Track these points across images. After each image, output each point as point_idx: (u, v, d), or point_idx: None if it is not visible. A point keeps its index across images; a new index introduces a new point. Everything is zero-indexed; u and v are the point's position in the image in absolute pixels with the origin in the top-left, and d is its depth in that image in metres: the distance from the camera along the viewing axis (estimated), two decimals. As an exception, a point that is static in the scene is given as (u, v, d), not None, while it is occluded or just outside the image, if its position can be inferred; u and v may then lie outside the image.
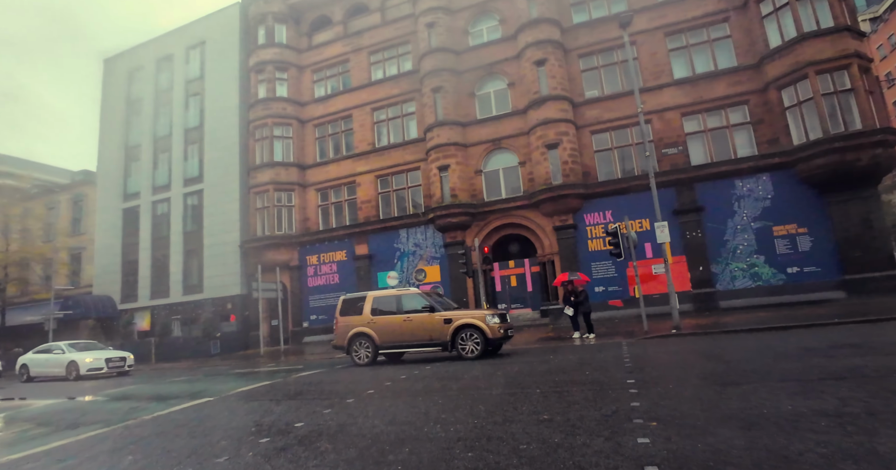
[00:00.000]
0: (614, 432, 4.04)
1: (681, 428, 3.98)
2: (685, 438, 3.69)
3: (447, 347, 10.56)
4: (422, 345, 10.90)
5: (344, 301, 12.24)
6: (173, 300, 25.11)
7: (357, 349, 11.46)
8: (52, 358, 16.73)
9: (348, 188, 23.16)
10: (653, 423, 4.19)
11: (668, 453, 3.40)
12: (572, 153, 18.51)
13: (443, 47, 21.03)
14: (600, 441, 3.83)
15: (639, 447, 3.59)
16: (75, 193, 30.91)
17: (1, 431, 7.10)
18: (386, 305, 11.43)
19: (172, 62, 28.00)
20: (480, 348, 10.27)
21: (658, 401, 5.03)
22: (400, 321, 11.05)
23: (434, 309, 10.84)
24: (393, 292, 11.69)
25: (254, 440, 4.97)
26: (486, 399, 5.99)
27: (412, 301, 11.23)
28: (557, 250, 18.58)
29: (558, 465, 3.38)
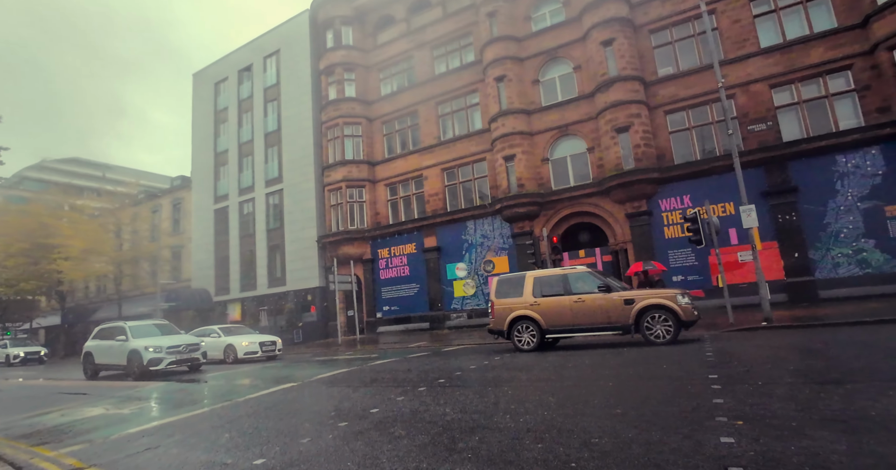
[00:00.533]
0: (694, 430, 3.84)
1: (771, 428, 3.70)
2: (776, 440, 3.43)
3: (629, 330, 9.63)
4: (598, 328, 9.97)
5: (499, 282, 11.44)
6: (260, 293, 27.10)
7: (520, 333, 10.74)
8: (209, 342, 16.15)
9: (416, 182, 23.61)
10: (738, 421, 3.94)
11: (755, 455, 3.18)
12: (644, 136, 17.54)
13: (504, 35, 20.69)
14: (678, 438, 3.66)
15: (721, 447, 3.39)
16: (174, 197, 34.20)
17: (123, 409, 8.10)
18: (551, 286, 10.62)
19: (251, 72, 29.97)
20: (673, 332, 9.27)
21: (744, 398, 4.70)
22: (570, 303, 10.18)
23: (611, 288, 9.96)
24: (557, 271, 10.84)
25: (333, 424, 5.29)
26: (556, 391, 5.92)
27: (582, 281, 10.34)
28: (630, 238, 17.76)
29: (631, 461, 3.28)
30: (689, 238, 12.78)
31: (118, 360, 13.39)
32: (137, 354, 12.68)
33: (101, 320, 34.14)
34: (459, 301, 21.41)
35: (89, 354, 14.36)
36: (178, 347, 13.06)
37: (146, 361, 12.47)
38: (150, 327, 14.34)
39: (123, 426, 6.41)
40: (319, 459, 4.08)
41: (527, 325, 10.66)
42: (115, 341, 13.62)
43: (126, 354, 13.02)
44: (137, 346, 12.85)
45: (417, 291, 22.51)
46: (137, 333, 13.57)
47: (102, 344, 14.12)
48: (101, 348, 14.06)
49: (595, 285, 10.13)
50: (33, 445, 5.83)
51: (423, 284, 22.40)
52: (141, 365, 12.52)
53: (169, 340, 13.27)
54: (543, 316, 10.46)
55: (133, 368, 12.82)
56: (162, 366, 12.63)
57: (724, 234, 15.44)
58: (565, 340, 11.92)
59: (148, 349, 12.64)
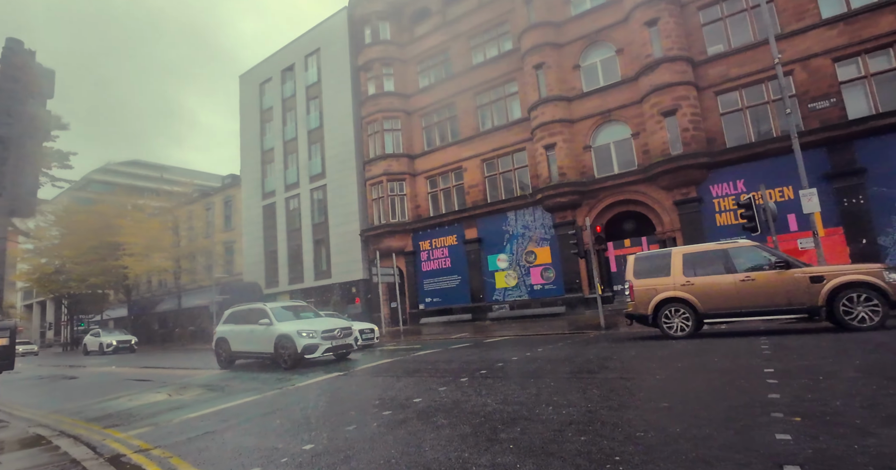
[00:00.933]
0: (746, 426, 3.68)
1: (832, 426, 3.49)
2: (837, 438, 3.24)
3: (817, 313, 8.27)
4: (773, 311, 8.63)
5: (638, 260, 10.21)
6: (307, 285, 28.03)
7: (669, 318, 9.51)
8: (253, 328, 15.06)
9: (455, 174, 23.61)
10: (796, 418, 3.74)
11: (813, 453, 3.02)
12: (693, 119, 16.73)
13: (542, 21, 20.21)
14: (729, 434, 3.52)
15: (776, 444, 3.23)
16: (226, 195, 35.79)
17: (184, 395, 8.63)
18: (706, 263, 9.38)
19: (294, 71, 30.78)
20: (882, 315, 7.87)
21: (803, 394, 4.45)
22: (734, 282, 8.92)
23: (790, 264, 8.66)
24: (713, 247, 9.65)
25: (377, 412, 5.42)
26: (599, 383, 5.81)
27: (746, 256, 9.10)
28: (679, 227, 17.07)
29: (679, 456, 3.19)
30: (744, 225, 12.16)
31: (261, 347, 11.50)
32: (289, 340, 10.78)
33: (165, 312, 36.46)
34: (501, 292, 21.33)
35: (223, 341, 12.54)
36: (333, 332, 11.18)
37: (301, 347, 10.61)
38: (285, 311, 12.37)
39: (184, 411, 6.83)
40: (364, 445, 4.20)
41: (677, 308, 9.41)
42: (256, 325, 11.66)
43: (273, 341, 11.10)
44: (288, 330, 10.92)
45: (459, 283, 22.60)
46: (280, 317, 11.75)
47: (240, 329, 12.24)
48: (239, 334, 12.17)
49: (765, 261, 8.87)
50: (105, 428, 6.32)
51: (464, 276, 22.46)
52: (294, 353, 10.66)
53: (322, 323, 11.53)
54: (699, 298, 9.20)
55: (283, 356, 10.92)
56: (318, 354, 10.80)
57: (781, 220, 14.56)
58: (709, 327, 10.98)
59: (302, 334, 10.74)
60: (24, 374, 16.76)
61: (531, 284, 20.53)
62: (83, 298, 39.02)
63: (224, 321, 12.99)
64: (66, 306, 40.74)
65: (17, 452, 5.17)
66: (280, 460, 4.07)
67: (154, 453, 4.78)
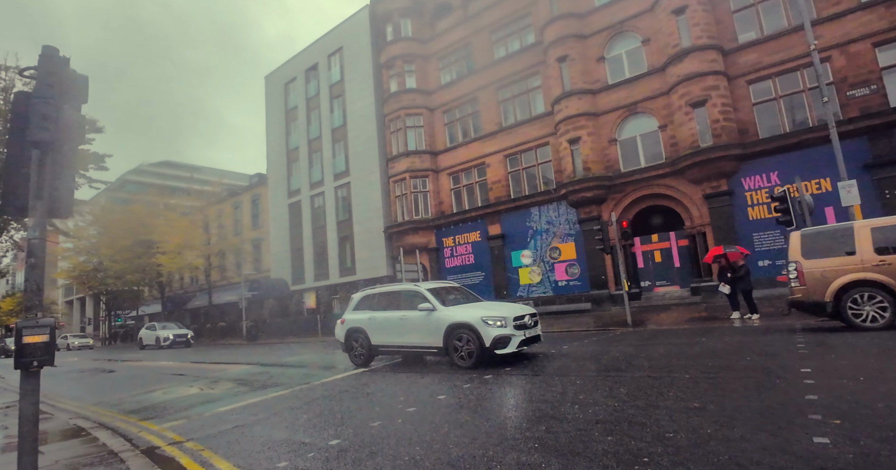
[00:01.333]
0: (782, 428, 3.55)
1: (874, 429, 3.34)
2: (880, 442, 3.09)
3: None
4: None
5: (806, 237, 8.39)
6: (332, 282, 28.42)
7: (860, 306, 7.70)
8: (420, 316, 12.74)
9: (478, 170, 23.49)
10: (835, 420, 3.59)
11: (855, 458, 2.89)
12: (724, 109, 16.19)
13: (566, 13, 19.85)
14: (764, 436, 3.40)
15: (815, 448, 3.11)
16: (253, 193, 36.54)
17: (215, 389, 8.87)
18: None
19: (317, 70, 31.11)
20: None
21: (843, 395, 4.27)
22: None
23: None
24: None
25: (402, 409, 5.45)
26: (626, 382, 5.71)
27: None
28: (709, 221, 16.58)
29: (710, 458, 3.10)
30: (778, 219, 11.71)
31: (423, 339, 8.81)
32: (470, 330, 8.06)
33: (197, 308, 37.55)
34: (525, 289, 21.18)
35: (358, 332, 9.85)
36: (523, 319, 8.38)
37: (490, 340, 7.84)
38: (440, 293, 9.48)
39: (215, 405, 7.03)
40: (390, 441, 4.23)
41: (871, 293, 7.63)
42: (411, 312, 9.02)
43: (442, 331, 8.42)
44: (468, 318, 8.22)
45: (483, 279, 22.54)
46: (442, 301, 9.08)
47: (383, 316, 9.59)
48: (384, 323, 9.52)
49: None
50: (141, 420, 6.55)
51: (488, 272, 22.38)
52: (480, 347, 7.89)
53: (508, 309, 8.61)
54: None
55: (460, 351, 8.18)
56: (511, 349, 7.93)
57: (818, 213, 13.97)
58: None
59: (489, 322, 7.99)
60: (67, 367, 17.53)
61: (555, 280, 20.31)
62: (120, 295, 40.55)
63: (354, 308, 10.36)
64: (104, 303, 42.40)
65: (60, 443, 5.41)
66: (307, 455, 4.14)
67: (187, 446, 4.93)
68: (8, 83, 10.88)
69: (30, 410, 3.49)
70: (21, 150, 3.89)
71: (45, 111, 3.77)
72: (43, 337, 3.50)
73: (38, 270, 3.68)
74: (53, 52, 3.99)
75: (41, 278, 3.72)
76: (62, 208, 3.96)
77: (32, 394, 3.51)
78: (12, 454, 4.78)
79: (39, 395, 3.58)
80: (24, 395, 3.50)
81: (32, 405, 3.51)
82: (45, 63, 3.92)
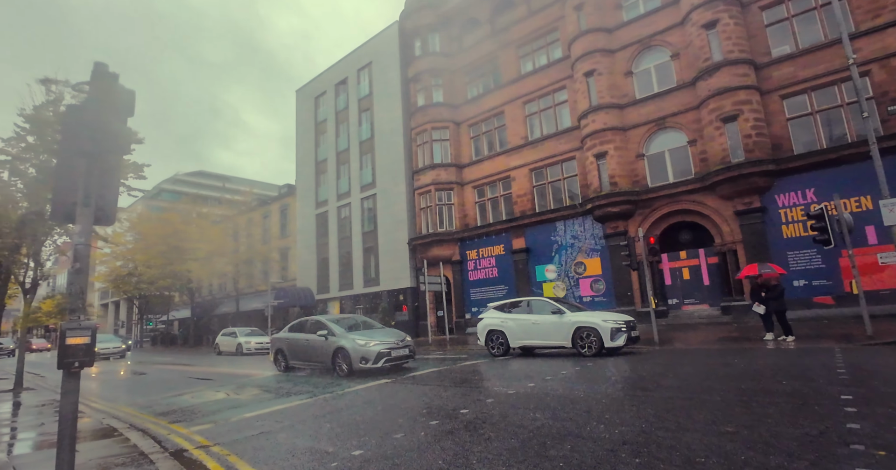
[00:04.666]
0: (822, 456, 3.40)
1: (922, 460, 3.16)
2: (928, 474, 2.93)
3: None
4: None
5: None
6: (356, 292, 28.67)
7: None
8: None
9: (503, 183, 23.50)
10: (880, 452, 3.41)
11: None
12: (756, 124, 15.83)
13: (594, 28, 19.87)
14: (803, 465, 3.26)
15: (856, 477, 2.96)
16: (282, 203, 37.38)
17: (241, 394, 9.02)
18: None
19: (346, 85, 31.87)
20: None
21: (889, 424, 4.06)
22: None
23: None
24: None
25: (425, 421, 5.44)
26: (654, 402, 5.56)
27: None
28: (740, 238, 16.12)
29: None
30: (815, 238, 11.31)
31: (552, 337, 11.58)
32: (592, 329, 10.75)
33: (224, 314, 38.37)
34: (549, 303, 20.90)
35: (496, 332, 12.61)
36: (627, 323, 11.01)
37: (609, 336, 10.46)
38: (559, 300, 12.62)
39: (241, 411, 7.14)
40: (412, 454, 4.22)
41: None
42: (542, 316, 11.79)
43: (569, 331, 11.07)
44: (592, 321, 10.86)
45: (506, 293, 22.36)
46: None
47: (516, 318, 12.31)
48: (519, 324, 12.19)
49: None
50: (170, 423, 6.71)
51: (511, 286, 22.22)
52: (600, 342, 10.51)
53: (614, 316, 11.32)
54: None
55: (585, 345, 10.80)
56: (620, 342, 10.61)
57: (858, 232, 13.44)
58: None
59: (606, 325, 10.65)
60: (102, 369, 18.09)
61: (580, 295, 20.00)
62: (152, 299, 41.83)
63: (495, 311, 13.10)
64: (137, 306, 43.78)
65: (93, 442, 5.58)
66: (331, 465, 4.16)
67: (213, 450, 5.02)
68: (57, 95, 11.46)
69: (69, 409, 3.62)
70: (70, 160, 4.09)
71: (94, 124, 3.98)
72: (85, 339, 3.65)
73: (83, 274, 3.85)
74: (103, 68, 4.21)
75: (85, 282, 3.89)
76: (106, 216, 4.15)
77: (73, 394, 3.65)
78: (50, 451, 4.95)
79: (79, 395, 3.72)
80: (64, 394, 3.64)
81: (72, 405, 3.64)
82: (96, 79, 4.14)
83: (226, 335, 25.27)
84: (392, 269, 26.47)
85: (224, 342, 24.82)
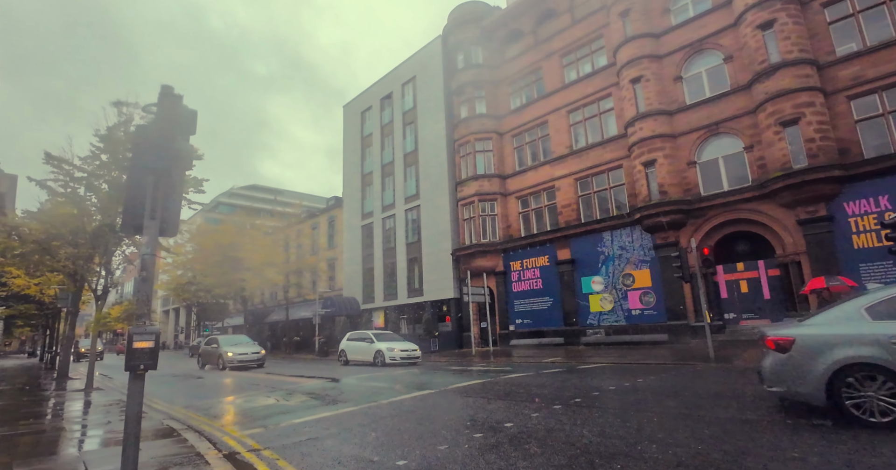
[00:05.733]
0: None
1: None
2: None
3: None
4: None
5: None
6: (400, 302, 28.98)
7: None
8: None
9: (548, 193, 23.22)
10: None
11: None
12: (820, 127, 14.88)
13: (640, 33, 19.44)
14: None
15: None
16: (329, 215, 38.56)
17: (290, 400, 9.28)
18: None
19: (391, 99, 32.69)
20: None
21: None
22: None
23: None
24: None
25: (469, 434, 5.39)
26: (711, 422, 5.25)
27: None
28: (804, 249, 15.10)
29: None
30: (890, 248, 10.45)
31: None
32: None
33: (275, 322, 39.73)
34: (596, 316, 20.33)
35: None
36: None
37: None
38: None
39: (289, 416, 7.34)
40: (456, 466, 4.19)
41: None
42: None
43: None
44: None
45: (551, 305, 21.95)
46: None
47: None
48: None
49: None
50: (224, 425, 6.98)
51: (556, 298, 21.78)
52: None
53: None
54: None
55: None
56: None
57: (942, 242, 12.28)
58: None
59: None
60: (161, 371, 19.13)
61: (629, 308, 19.32)
62: (208, 307, 43.97)
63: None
64: (195, 313, 46.14)
65: (154, 441, 5.90)
66: (375, 473, 4.19)
67: (264, 454, 5.18)
68: (128, 117, 12.35)
69: (134, 409, 3.86)
70: (139, 176, 4.42)
71: (161, 142, 4.28)
72: (149, 343, 3.89)
73: (148, 282, 4.12)
74: (169, 90, 4.54)
75: (150, 290, 4.15)
76: (170, 227, 4.43)
77: (138, 395, 3.88)
78: (115, 448, 5.28)
79: (143, 396, 3.95)
80: (130, 395, 3.88)
81: (137, 405, 3.88)
82: (163, 100, 4.46)
83: (355, 340, 19.69)
84: (435, 279, 26.60)
85: (354, 349, 19.44)
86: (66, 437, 6.58)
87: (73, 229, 13.15)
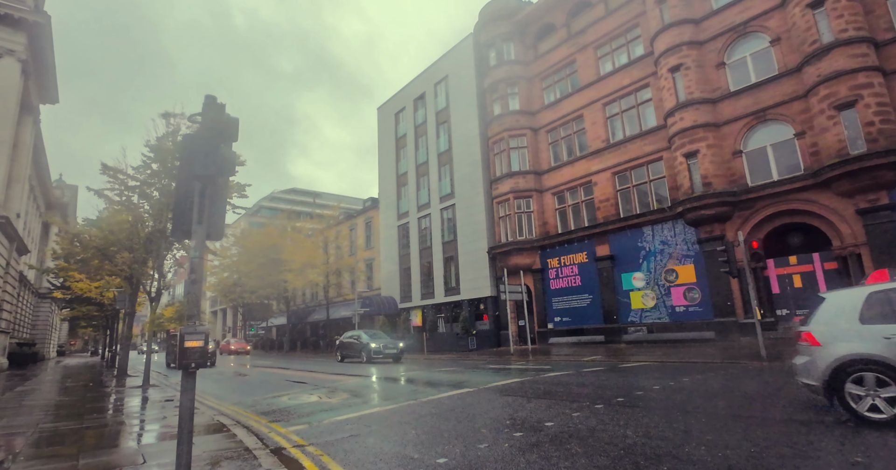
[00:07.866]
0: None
1: None
2: None
3: None
4: None
5: None
6: (437, 301, 29.14)
7: None
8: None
9: (584, 189, 22.77)
10: None
11: None
12: (879, 110, 13.91)
13: (679, 19, 18.73)
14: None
15: None
16: (366, 216, 39.21)
17: (333, 398, 9.50)
18: None
19: (424, 99, 32.87)
20: None
21: None
22: None
23: None
24: None
25: (509, 433, 5.36)
26: (765, 424, 5.01)
27: None
28: (865, 240, 14.16)
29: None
30: (963, 237, 9.65)
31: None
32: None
33: (316, 322, 40.79)
34: (637, 314, 19.78)
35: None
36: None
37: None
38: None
39: (332, 414, 7.51)
40: (497, 465, 4.17)
41: None
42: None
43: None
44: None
45: (590, 302, 21.52)
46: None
47: None
48: None
49: None
50: (271, 421, 7.22)
51: (595, 295, 21.34)
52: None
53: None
54: None
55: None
56: None
57: None
58: None
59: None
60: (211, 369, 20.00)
61: (672, 305, 18.69)
62: (253, 307, 45.61)
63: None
64: (241, 313, 47.96)
65: (206, 436, 6.16)
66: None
67: (308, 450, 5.32)
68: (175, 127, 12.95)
69: (188, 405, 4.04)
70: (187, 183, 4.63)
71: (206, 150, 4.47)
72: (199, 342, 4.06)
73: (198, 284, 4.30)
74: (213, 100, 4.72)
75: (199, 292, 4.34)
76: (216, 232, 4.62)
77: (190, 391, 4.07)
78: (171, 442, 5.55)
79: (195, 392, 4.14)
80: (183, 391, 4.08)
81: (190, 401, 4.06)
82: (207, 109, 4.65)
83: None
84: (472, 278, 26.59)
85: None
86: (125, 431, 6.98)
87: (129, 235, 13.93)
